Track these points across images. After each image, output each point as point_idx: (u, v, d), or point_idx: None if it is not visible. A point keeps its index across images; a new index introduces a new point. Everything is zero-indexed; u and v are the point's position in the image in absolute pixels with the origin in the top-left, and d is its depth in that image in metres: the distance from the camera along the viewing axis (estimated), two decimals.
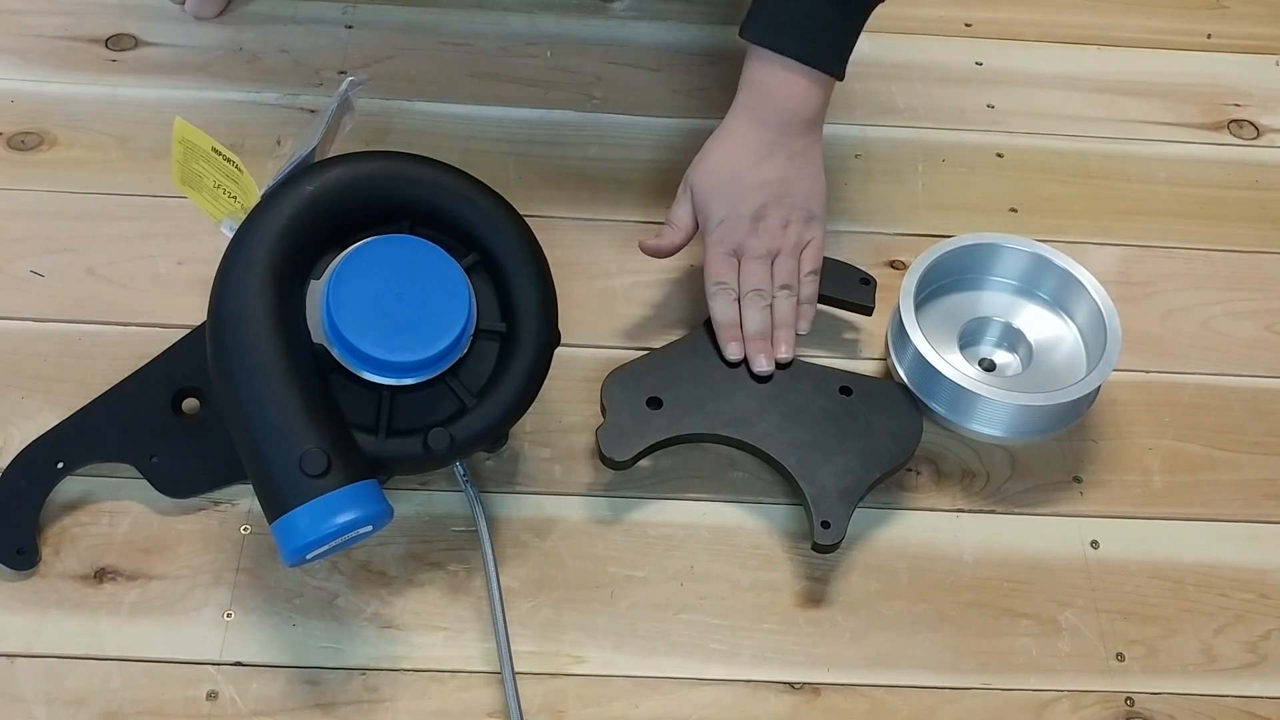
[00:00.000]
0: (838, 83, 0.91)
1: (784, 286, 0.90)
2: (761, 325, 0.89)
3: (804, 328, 0.90)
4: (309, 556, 0.72)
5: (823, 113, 0.91)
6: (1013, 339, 0.94)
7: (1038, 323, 0.94)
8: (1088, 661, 0.82)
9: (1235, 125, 1.15)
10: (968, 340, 0.94)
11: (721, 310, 0.89)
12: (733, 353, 0.88)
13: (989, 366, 0.93)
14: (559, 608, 0.82)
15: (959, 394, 0.88)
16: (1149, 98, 1.16)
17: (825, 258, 0.96)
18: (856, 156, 1.08)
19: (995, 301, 0.95)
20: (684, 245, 0.92)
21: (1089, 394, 0.89)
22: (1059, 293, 0.94)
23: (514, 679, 0.77)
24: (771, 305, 0.89)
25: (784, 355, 0.88)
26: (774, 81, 0.90)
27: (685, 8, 1.19)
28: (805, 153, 0.91)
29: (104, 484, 0.84)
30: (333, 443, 0.72)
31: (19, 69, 1.08)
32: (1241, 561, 0.87)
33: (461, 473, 0.84)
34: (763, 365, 0.88)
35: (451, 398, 0.79)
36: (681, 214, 0.91)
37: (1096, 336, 0.91)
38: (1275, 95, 1.17)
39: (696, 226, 0.91)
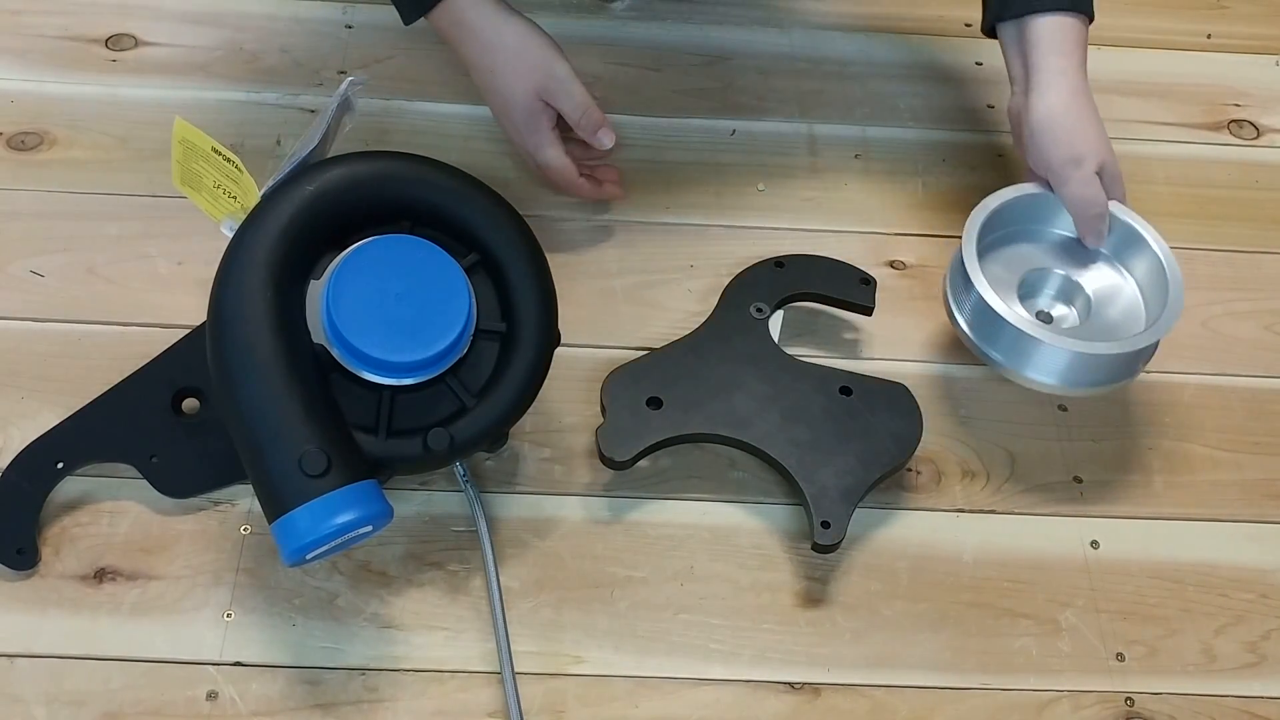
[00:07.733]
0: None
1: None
2: None
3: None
4: (309, 557, 0.72)
5: None
6: (1070, 292, 0.92)
7: (1096, 276, 0.92)
8: (1088, 661, 0.82)
9: (1235, 125, 1.15)
10: (1026, 292, 0.92)
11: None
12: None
13: (1046, 319, 0.91)
14: (559, 608, 0.82)
15: (1019, 339, 0.86)
16: (1149, 98, 1.16)
17: (825, 258, 0.96)
18: (856, 156, 1.08)
19: (1054, 254, 0.93)
20: None
21: (1150, 346, 0.87)
22: (1119, 247, 0.92)
23: (514, 679, 0.77)
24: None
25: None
26: (1070, 37, 0.92)
27: (685, 8, 1.19)
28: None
29: (104, 484, 0.84)
30: (333, 443, 0.72)
31: (19, 69, 1.08)
32: (1241, 561, 0.87)
33: (461, 473, 0.84)
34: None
35: (451, 398, 0.79)
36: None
37: (1156, 291, 0.89)
38: (1275, 95, 1.17)
39: None
